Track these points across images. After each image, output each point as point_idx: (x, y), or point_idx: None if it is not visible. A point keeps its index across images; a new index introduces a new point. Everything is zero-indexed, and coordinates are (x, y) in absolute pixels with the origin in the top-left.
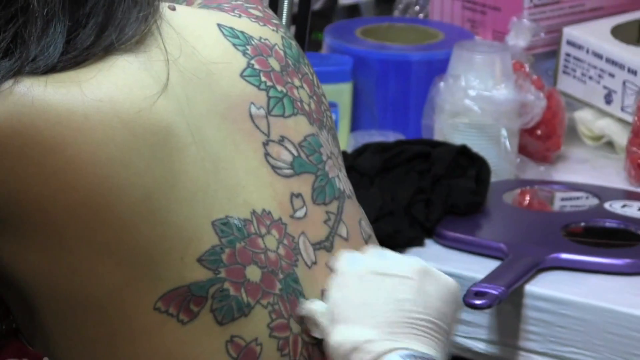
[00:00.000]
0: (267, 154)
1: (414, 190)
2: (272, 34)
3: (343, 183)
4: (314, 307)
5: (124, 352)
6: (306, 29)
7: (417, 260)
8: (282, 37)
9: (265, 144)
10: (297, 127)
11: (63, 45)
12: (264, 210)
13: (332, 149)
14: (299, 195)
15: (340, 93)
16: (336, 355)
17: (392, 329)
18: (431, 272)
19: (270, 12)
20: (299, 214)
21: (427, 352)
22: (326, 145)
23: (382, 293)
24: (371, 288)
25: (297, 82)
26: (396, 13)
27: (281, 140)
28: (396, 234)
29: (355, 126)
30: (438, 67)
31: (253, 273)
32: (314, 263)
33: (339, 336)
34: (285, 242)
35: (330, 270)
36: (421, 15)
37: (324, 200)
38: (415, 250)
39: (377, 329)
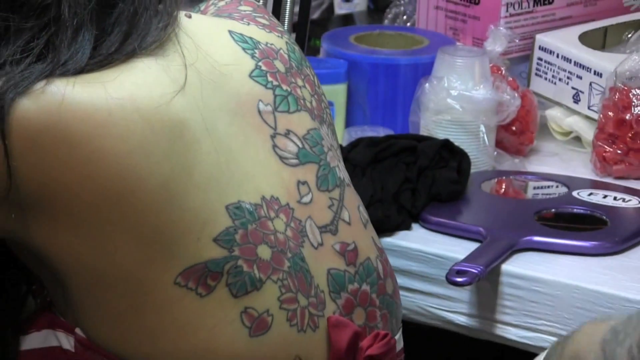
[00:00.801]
0: (274, 146)
1: (402, 180)
2: (278, 39)
3: (342, 172)
4: None
5: (147, 323)
6: (305, 36)
7: None
8: (287, 43)
9: (272, 137)
10: (301, 122)
11: (90, 51)
12: (272, 196)
13: (332, 142)
14: (304, 183)
15: (336, 93)
16: None
17: None
18: None
19: (276, 20)
20: (305, 199)
21: None
22: (327, 138)
23: None
24: None
25: (300, 82)
26: (386, 22)
27: (287, 134)
28: (385, 219)
29: (349, 122)
30: (423, 70)
31: (264, 252)
32: (320, 244)
33: None
34: (292, 225)
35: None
36: (408, 24)
37: (327, 188)
38: (403, 233)
39: None
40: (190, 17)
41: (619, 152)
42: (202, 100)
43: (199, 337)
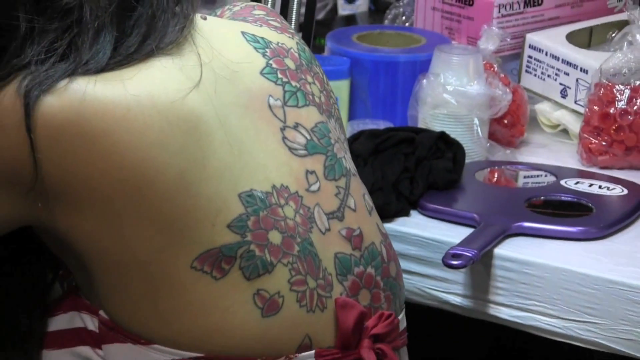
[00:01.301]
0: (284, 138)
1: (401, 170)
2: (289, 39)
3: (348, 163)
4: None
5: (166, 305)
6: (311, 35)
7: None
8: (297, 43)
9: (282, 129)
10: (309, 116)
11: (111, 51)
12: (282, 185)
13: (339, 135)
14: (312, 172)
15: (339, 89)
16: None
17: None
18: None
19: (287, 23)
20: (314, 188)
21: None
22: (334, 131)
23: None
24: None
25: (309, 79)
26: (386, 22)
27: (296, 126)
28: (386, 206)
29: (351, 116)
30: (421, 67)
31: (274, 237)
32: (328, 230)
33: None
34: (301, 211)
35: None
36: (407, 24)
37: (334, 177)
38: (402, 219)
39: None
40: (205, 19)
41: (603, 143)
42: (216, 95)
43: (214, 317)
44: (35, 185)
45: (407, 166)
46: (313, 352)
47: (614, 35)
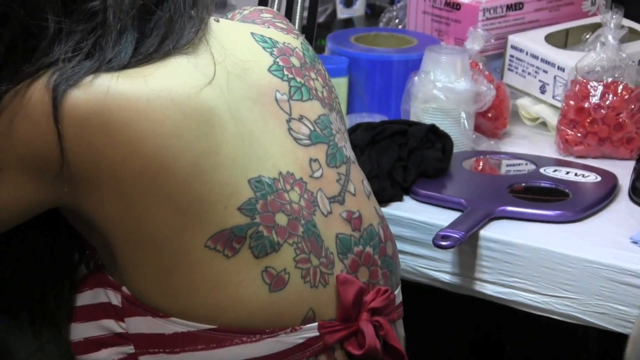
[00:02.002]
0: (289, 129)
1: (395, 159)
2: (294, 40)
3: (349, 151)
4: None
5: (182, 281)
6: (313, 36)
7: None
8: (302, 43)
9: (288, 121)
10: (313, 109)
11: (132, 51)
12: (288, 171)
13: (339, 126)
14: (316, 160)
15: (339, 85)
16: None
17: None
18: None
19: (292, 25)
20: (317, 174)
21: None
22: (335, 123)
23: None
24: None
25: (313, 76)
26: (381, 24)
27: (300, 118)
28: (381, 192)
29: (350, 110)
30: (413, 66)
31: (281, 219)
32: (329, 213)
33: None
34: (305, 196)
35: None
36: (400, 26)
37: (335, 164)
38: (395, 204)
39: None
40: (218, 21)
41: (579, 135)
42: (228, 90)
43: (226, 292)
44: (62, 171)
45: (400, 156)
46: (316, 324)
47: (588, 36)
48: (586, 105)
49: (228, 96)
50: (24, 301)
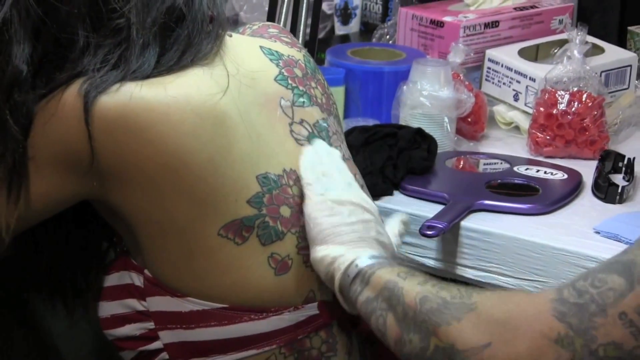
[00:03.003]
0: (292, 131)
1: (386, 157)
2: (297, 53)
3: (344, 150)
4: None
5: (198, 265)
6: (314, 50)
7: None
8: (304, 55)
9: (290, 124)
10: (313, 114)
11: (154, 63)
12: (291, 169)
13: (336, 129)
14: None
15: (336, 93)
16: (320, 267)
17: (357, 243)
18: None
19: (296, 39)
20: None
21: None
22: (332, 126)
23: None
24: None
25: (313, 85)
26: (374, 40)
27: (301, 122)
28: (373, 187)
29: (346, 115)
30: (402, 76)
31: (285, 211)
32: None
33: (318, 254)
34: None
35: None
36: (391, 42)
37: None
38: (386, 198)
39: (346, 245)
40: (231, 36)
41: (547, 137)
42: (239, 97)
43: (237, 275)
44: (91, 168)
45: (390, 155)
46: (316, 303)
47: (556, 51)
48: (554, 111)
49: (239, 102)
50: (58, 283)
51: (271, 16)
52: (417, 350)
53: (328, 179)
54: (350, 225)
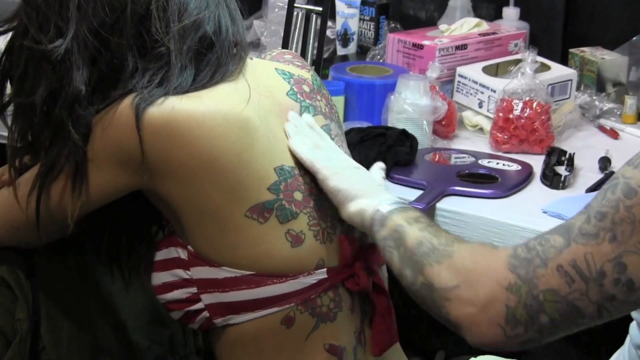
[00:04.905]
0: None
1: (377, 153)
2: (306, 73)
3: (344, 149)
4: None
5: (230, 240)
6: (320, 67)
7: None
8: (312, 75)
9: None
10: (317, 121)
11: (191, 82)
12: None
13: (338, 132)
14: None
15: (338, 102)
16: (355, 219)
17: (373, 193)
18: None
19: (306, 62)
20: None
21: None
22: (334, 130)
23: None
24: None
25: (319, 98)
26: (368, 59)
27: None
28: None
29: (345, 119)
30: (390, 88)
31: (298, 195)
32: None
33: (351, 209)
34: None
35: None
36: (381, 60)
37: None
38: None
39: (367, 197)
40: (252, 59)
41: (505, 137)
42: (259, 106)
43: (261, 248)
44: (142, 164)
45: (381, 150)
46: (325, 269)
47: (512, 68)
48: (511, 116)
49: (259, 109)
50: (116, 254)
51: (285, 40)
52: (409, 284)
53: (321, 151)
54: (360, 182)
